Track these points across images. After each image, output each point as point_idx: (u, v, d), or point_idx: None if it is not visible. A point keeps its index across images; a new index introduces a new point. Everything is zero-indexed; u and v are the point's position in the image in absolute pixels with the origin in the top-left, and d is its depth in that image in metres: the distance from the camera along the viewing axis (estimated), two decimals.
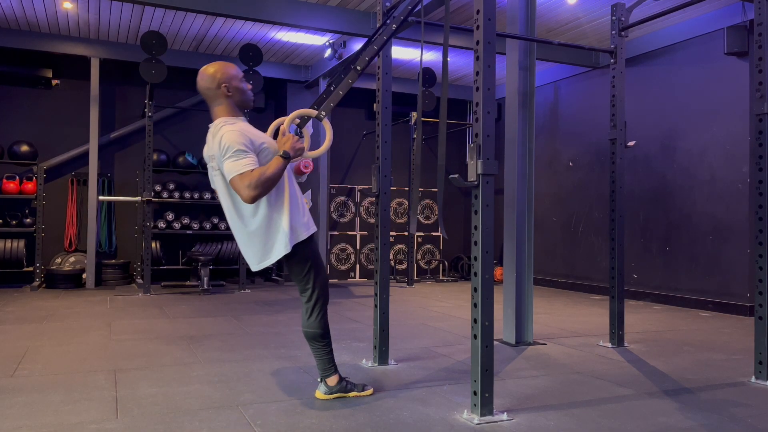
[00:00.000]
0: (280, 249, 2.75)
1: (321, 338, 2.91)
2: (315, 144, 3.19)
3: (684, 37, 6.72)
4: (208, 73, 2.75)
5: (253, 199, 2.57)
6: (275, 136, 2.99)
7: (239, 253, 8.16)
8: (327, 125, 2.97)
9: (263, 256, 2.78)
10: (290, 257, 2.81)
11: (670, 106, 6.92)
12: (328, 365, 2.96)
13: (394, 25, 3.16)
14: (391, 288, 5.01)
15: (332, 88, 2.98)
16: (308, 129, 3.00)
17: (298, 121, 2.91)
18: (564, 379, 3.46)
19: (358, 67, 3.02)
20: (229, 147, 2.59)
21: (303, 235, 2.81)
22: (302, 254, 2.83)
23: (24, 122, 8.07)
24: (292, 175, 2.91)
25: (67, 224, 8.22)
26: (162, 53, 6.87)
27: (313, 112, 2.92)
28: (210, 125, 2.78)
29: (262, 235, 2.75)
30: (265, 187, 2.59)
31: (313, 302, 2.88)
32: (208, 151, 2.76)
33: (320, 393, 2.97)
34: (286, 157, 2.66)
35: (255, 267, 2.82)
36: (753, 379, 3.47)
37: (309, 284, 2.87)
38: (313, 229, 2.88)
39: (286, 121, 2.86)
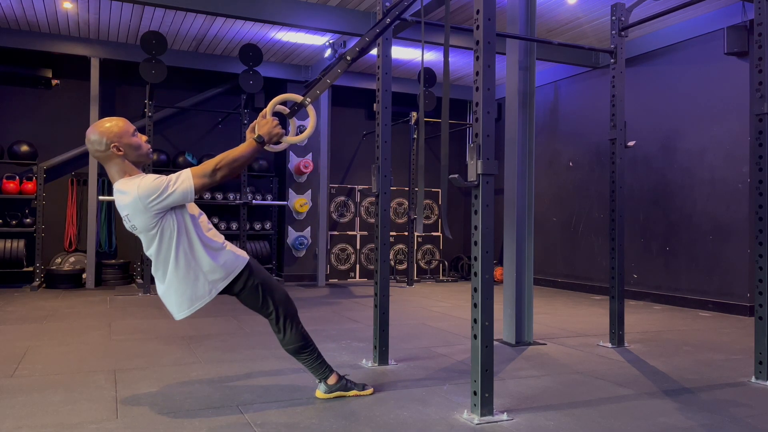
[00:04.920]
0: (203, 295, 2.66)
1: (303, 349, 2.87)
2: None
3: (684, 37, 6.72)
4: (94, 136, 2.54)
5: (222, 178, 2.51)
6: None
7: None
8: (311, 112, 2.87)
9: (186, 304, 2.66)
10: (238, 294, 2.75)
11: (670, 106, 6.92)
12: (322, 369, 2.95)
13: (388, 19, 3.16)
14: (391, 288, 5.02)
15: (321, 77, 2.98)
16: (295, 120, 2.95)
17: (282, 107, 2.83)
18: (564, 379, 3.46)
19: (348, 57, 3.01)
20: (160, 186, 2.45)
21: (233, 274, 2.69)
22: (249, 285, 2.74)
23: (24, 122, 8.06)
24: (197, 223, 2.67)
25: (67, 224, 8.22)
26: (162, 53, 6.88)
27: (298, 97, 2.86)
28: (113, 187, 2.58)
29: (183, 283, 2.63)
30: (231, 168, 2.53)
31: (282, 321, 2.82)
32: (122, 210, 2.56)
33: (320, 392, 2.97)
34: (260, 142, 2.62)
35: (178, 315, 2.68)
36: (753, 379, 3.47)
37: (270, 308, 2.80)
38: (242, 261, 2.74)
39: (269, 105, 2.78)
